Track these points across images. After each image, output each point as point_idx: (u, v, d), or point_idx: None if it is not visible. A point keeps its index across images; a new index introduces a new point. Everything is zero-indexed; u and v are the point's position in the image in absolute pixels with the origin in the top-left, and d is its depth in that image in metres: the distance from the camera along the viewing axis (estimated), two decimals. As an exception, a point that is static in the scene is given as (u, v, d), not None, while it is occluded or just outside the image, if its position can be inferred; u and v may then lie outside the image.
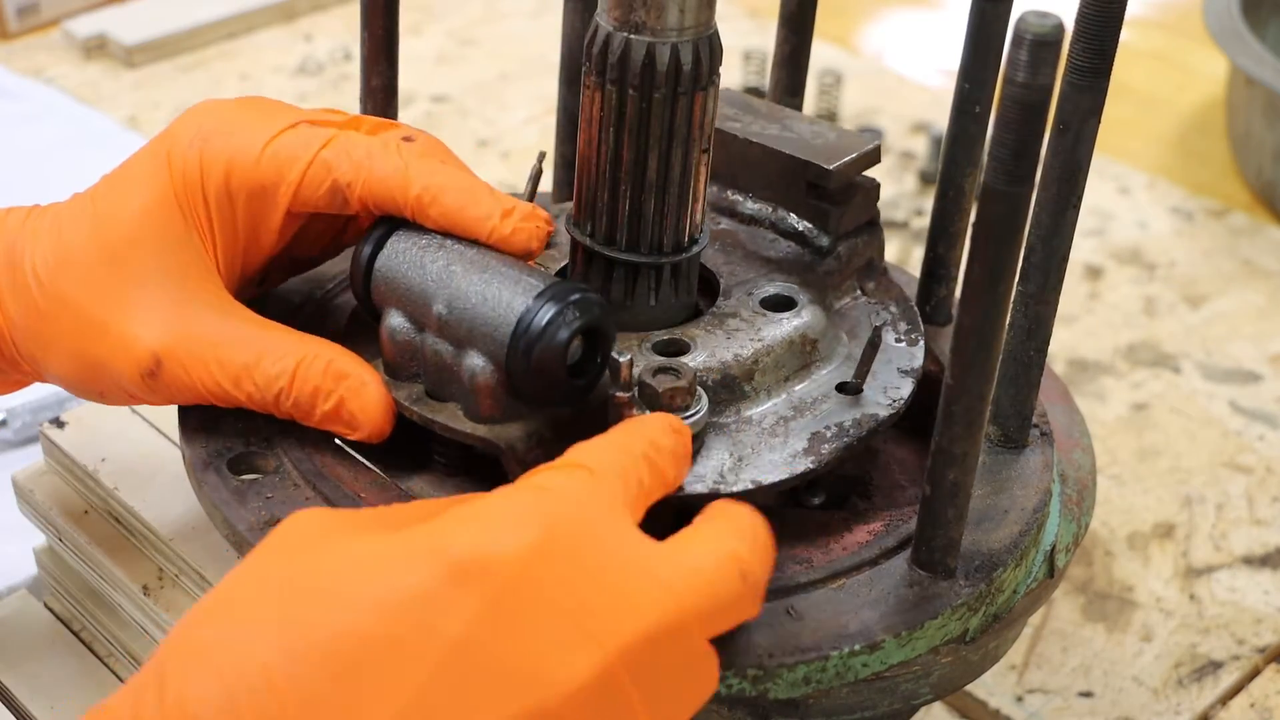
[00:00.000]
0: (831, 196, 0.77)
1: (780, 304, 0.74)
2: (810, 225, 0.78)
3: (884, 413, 0.71)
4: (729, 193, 0.80)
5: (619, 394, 0.65)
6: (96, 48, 1.59)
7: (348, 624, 0.51)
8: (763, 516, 0.61)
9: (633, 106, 0.68)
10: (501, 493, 0.57)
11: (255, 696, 0.50)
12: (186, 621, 0.53)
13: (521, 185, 0.81)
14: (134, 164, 0.72)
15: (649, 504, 0.61)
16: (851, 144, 0.77)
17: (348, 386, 0.68)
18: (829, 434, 0.69)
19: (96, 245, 0.70)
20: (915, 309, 0.78)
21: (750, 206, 0.80)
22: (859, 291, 0.78)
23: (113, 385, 0.70)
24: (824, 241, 0.77)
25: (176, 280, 0.70)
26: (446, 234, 0.69)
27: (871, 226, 0.79)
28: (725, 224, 0.79)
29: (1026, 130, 0.57)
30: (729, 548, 0.58)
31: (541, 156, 0.75)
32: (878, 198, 0.79)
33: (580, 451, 0.60)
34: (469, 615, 0.52)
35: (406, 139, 0.71)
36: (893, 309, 0.77)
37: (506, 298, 0.66)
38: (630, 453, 0.61)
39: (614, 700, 0.53)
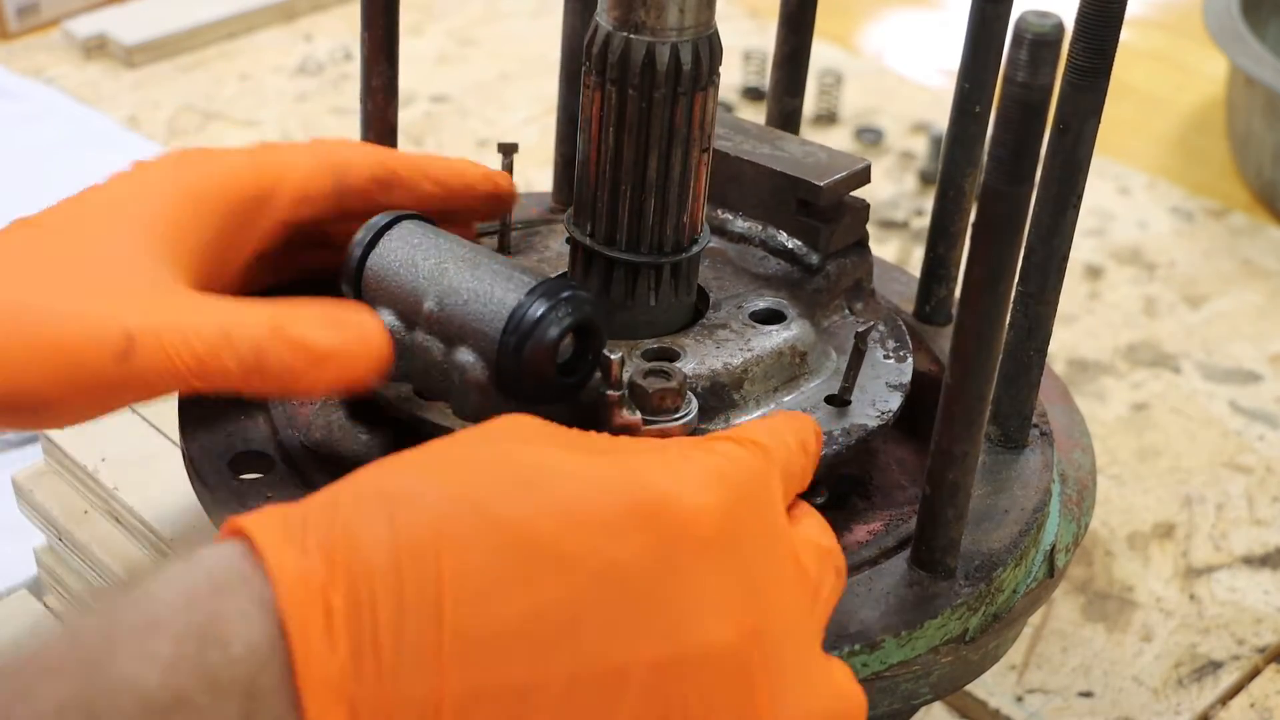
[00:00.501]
0: (821, 214, 0.77)
1: (770, 317, 0.74)
2: (800, 243, 0.78)
3: (873, 424, 0.71)
4: (719, 211, 0.80)
5: (610, 392, 0.65)
6: (96, 48, 1.59)
7: (526, 520, 0.52)
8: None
9: (633, 106, 0.68)
10: (683, 448, 0.58)
11: (418, 557, 0.50)
12: (372, 468, 0.54)
13: (521, 185, 0.81)
14: (98, 190, 0.69)
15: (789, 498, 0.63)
16: (842, 163, 0.78)
17: (343, 335, 0.64)
18: None
19: (59, 260, 0.65)
20: (904, 328, 0.78)
21: (740, 225, 0.80)
22: (847, 311, 0.78)
23: (76, 386, 0.63)
24: (813, 259, 0.77)
25: (148, 278, 0.66)
26: (439, 233, 0.69)
27: (861, 248, 0.79)
28: (715, 242, 0.79)
29: (1026, 130, 0.57)
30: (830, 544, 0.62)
31: (511, 149, 0.80)
32: (867, 219, 0.79)
33: (751, 430, 0.61)
34: (637, 550, 0.53)
35: None
36: (881, 327, 0.77)
37: (498, 294, 0.66)
38: (789, 446, 0.62)
39: (740, 673, 0.54)
